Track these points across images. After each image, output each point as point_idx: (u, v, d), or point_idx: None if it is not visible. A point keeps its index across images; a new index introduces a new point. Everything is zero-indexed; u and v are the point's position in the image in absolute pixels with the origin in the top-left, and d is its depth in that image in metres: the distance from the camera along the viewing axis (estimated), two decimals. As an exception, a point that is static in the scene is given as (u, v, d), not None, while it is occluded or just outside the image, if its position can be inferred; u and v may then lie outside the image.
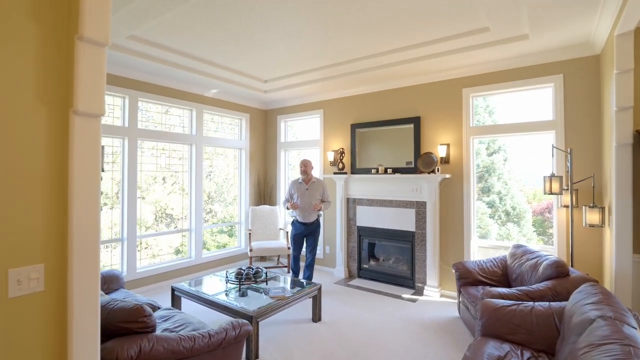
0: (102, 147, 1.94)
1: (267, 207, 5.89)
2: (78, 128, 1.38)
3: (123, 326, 1.82)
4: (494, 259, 3.77)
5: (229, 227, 6.12)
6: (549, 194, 3.46)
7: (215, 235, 6.08)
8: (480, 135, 4.27)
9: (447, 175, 4.31)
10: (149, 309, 1.91)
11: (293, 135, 6.34)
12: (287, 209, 4.55)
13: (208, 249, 5.83)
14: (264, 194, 6.21)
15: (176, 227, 5.15)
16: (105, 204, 4.39)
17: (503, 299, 2.77)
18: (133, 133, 4.45)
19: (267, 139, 6.39)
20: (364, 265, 5.16)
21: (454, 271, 3.74)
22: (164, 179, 4.99)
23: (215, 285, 3.70)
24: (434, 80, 4.52)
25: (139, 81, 4.51)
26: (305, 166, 4.55)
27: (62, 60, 1.31)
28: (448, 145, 4.40)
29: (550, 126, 3.81)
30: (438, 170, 4.33)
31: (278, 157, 6.20)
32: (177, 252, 5.26)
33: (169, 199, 5.07)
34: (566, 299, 2.70)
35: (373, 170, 4.95)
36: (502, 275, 3.62)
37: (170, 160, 5.06)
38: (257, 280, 3.52)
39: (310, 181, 4.55)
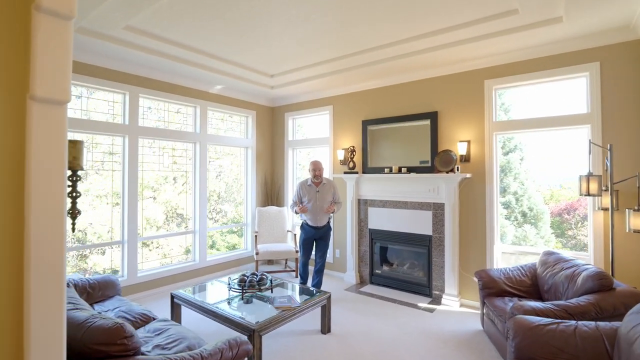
0: (81, 141, 1.69)
1: (274, 208, 5.63)
2: (37, 117, 1.13)
3: (99, 349, 1.57)
4: (521, 266, 3.43)
5: (239, 228, 5.88)
6: (585, 195, 3.10)
7: (225, 235, 5.87)
8: (505, 131, 3.91)
9: (468, 175, 3.97)
10: (130, 329, 1.65)
11: (302, 135, 6.07)
12: (296, 212, 4.27)
13: (218, 249, 5.65)
14: (270, 194, 5.96)
15: (187, 227, 5.00)
16: (107, 204, 4.19)
17: (537, 315, 2.43)
18: (134, 131, 4.24)
19: (274, 137, 6.14)
20: (377, 271, 4.86)
21: (476, 280, 3.41)
22: (174, 178, 4.86)
23: (217, 293, 3.46)
24: (453, 71, 4.18)
25: (139, 77, 4.30)
26: (318, 169, 4.18)
27: (16, 35, 1.06)
28: (468, 142, 4.06)
29: (584, 120, 3.45)
30: (457, 170, 3.99)
31: (286, 156, 5.93)
32: (187, 251, 5.11)
33: (179, 198, 4.94)
34: (613, 317, 2.36)
35: (386, 170, 4.63)
36: (531, 285, 3.27)
37: (174, 160, 4.84)
38: (262, 287, 3.26)
39: (320, 183, 4.25)
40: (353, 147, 4.91)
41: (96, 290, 3.04)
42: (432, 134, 4.32)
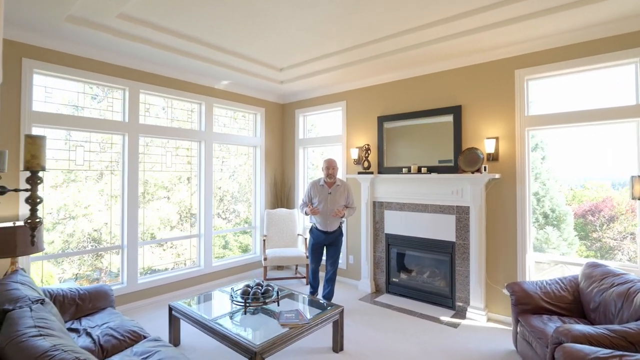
0: (42, 137, 1.41)
1: (284, 210, 5.33)
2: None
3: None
4: (560, 279, 3.01)
5: (248, 230, 5.60)
6: (638, 198, 2.67)
7: (238, 236, 5.60)
8: (539, 127, 3.49)
9: (496, 175, 3.57)
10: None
11: (314, 133, 5.74)
12: (306, 214, 3.95)
13: (231, 249, 5.42)
14: (280, 196, 5.66)
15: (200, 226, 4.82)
16: (107, 205, 3.96)
17: (589, 342, 2.04)
18: (134, 129, 4.00)
19: (285, 135, 5.83)
20: (394, 279, 4.49)
21: (508, 294, 3.01)
22: (188, 179, 4.70)
23: (219, 305, 3.17)
24: (480, 61, 3.78)
25: (140, 71, 4.05)
26: (332, 168, 3.84)
27: None
28: (497, 139, 3.65)
29: (633, 112, 3.00)
30: (485, 169, 3.60)
31: (296, 155, 5.62)
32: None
33: (193, 199, 4.78)
34: (688, 349, 1.95)
35: (404, 170, 4.26)
36: (572, 301, 2.86)
37: (189, 159, 4.59)
38: (267, 300, 2.94)
39: (334, 184, 3.92)
40: (368, 145, 4.56)
41: (86, 302, 2.79)
42: (456, 130, 3.93)
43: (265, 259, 4.66)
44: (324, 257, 4.06)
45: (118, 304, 3.83)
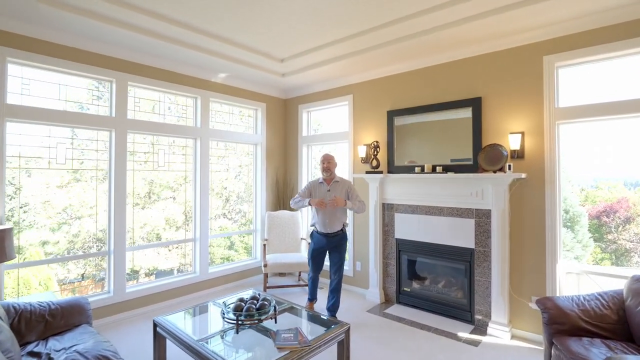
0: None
1: (286, 212, 4.97)
2: None
3: None
4: (600, 295, 2.60)
5: (248, 234, 5.26)
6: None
7: (244, 237, 5.28)
8: (572, 120, 3.08)
9: (522, 175, 3.17)
10: None
11: (318, 129, 5.38)
12: (308, 204, 3.52)
13: (236, 250, 5.12)
14: (282, 197, 5.30)
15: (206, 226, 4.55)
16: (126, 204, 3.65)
17: (655, 381, 1.64)
18: (122, 124, 3.68)
19: (287, 132, 5.48)
20: (405, 288, 4.10)
21: (537, 309, 2.62)
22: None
23: (210, 321, 2.82)
24: (502, 47, 3.38)
25: (128, 62, 3.73)
26: (327, 161, 3.59)
27: None
28: (522, 134, 3.25)
29: (688, 102, 2.59)
30: (510, 168, 3.20)
31: (299, 153, 5.26)
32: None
33: (209, 198, 4.56)
34: None
35: (417, 169, 3.88)
36: (617, 322, 2.45)
37: (179, 158, 4.26)
38: (262, 318, 2.58)
39: (332, 180, 3.61)
40: (377, 142, 4.18)
41: (57, 318, 2.46)
42: (475, 125, 3.53)
43: (265, 266, 4.31)
44: (326, 263, 3.72)
45: (104, 316, 3.52)
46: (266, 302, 2.67)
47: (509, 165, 3.20)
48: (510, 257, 3.34)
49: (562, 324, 2.48)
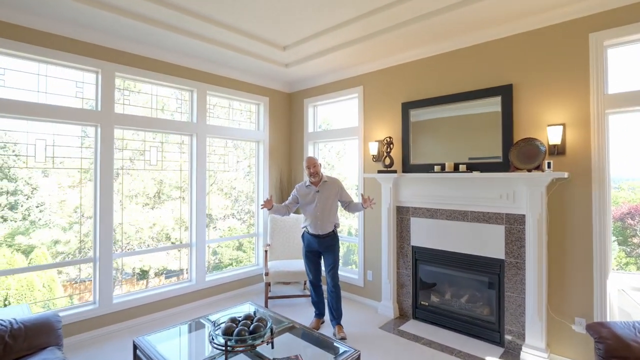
0: None
1: (291, 215, 4.57)
2: None
3: None
4: (669, 321, 2.11)
5: (250, 239, 4.88)
6: None
7: (252, 237, 4.92)
8: (624, 108, 2.59)
9: (563, 174, 2.68)
10: None
11: (326, 125, 4.96)
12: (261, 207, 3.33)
13: (244, 251, 4.78)
14: (287, 198, 4.89)
15: (215, 227, 4.41)
16: (136, 204, 3.32)
17: None
18: (108, 119, 3.34)
19: (292, 129, 5.08)
20: (422, 302, 3.65)
21: (592, 338, 2.15)
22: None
23: (197, 344, 2.45)
24: (538, 25, 2.91)
25: (115, 50, 3.39)
26: (312, 165, 3.39)
27: None
28: (563, 126, 2.77)
29: None
30: (549, 166, 2.72)
31: (305, 151, 4.86)
32: (214, 253, 4.43)
33: (207, 199, 4.24)
34: None
35: (436, 167, 3.43)
36: (695, 357, 1.96)
37: (164, 155, 3.91)
38: (256, 342, 2.18)
39: (321, 181, 3.42)
40: (390, 138, 3.74)
41: (20, 340, 2.12)
42: (505, 116, 3.06)
43: (266, 274, 3.91)
44: (322, 269, 3.53)
45: (87, 329, 3.19)
46: (261, 324, 2.26)
47: (548, 163, 2.72)
48: (548, 270, 2.86)
49: (625, 359, 2.00)
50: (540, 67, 2.91)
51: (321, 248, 3.39)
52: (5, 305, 3.06)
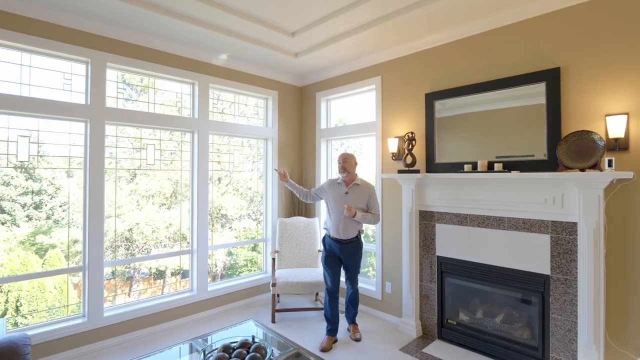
0: None
1: (301, 219, 4.20)
2: None
3: None
4: None
5: (257, 244, 4.54)
6: None
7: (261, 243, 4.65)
8: None
9: (628, 174, 2.19)
10: None
11: (339, 121, 4.56)
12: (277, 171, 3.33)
13: (259, 252, 4.49)
14: (298, 201, 4.53)
15: (231, 227, 4.22)
16: (152, 204, 3.03)
17: None
18: (99, 114, 3.04)
19: (303, 125, 4.70)
20: (449, 320, 3.20)
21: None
22: (219, 179, 4.05)
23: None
24: (594, -6, 2.43)
25: (107, 38, 3.09)
26: (343, 159, 3.16)
27: None
28: (626, 115, 2.28)
29: None
30: (610, 165, 2.24)
31: (318, 149, 4.47)
32: (229, 254, 4.20)
33: (222, 199, 4.08)
34: None
35: (466, 166, 2.97)
36: None
37: (160, 154, 3.60)
38: (253, 377, 1.81)
39: (352, 182, 3.15)
40: (411, 133, 3.30)
41: (-22, 370, 1.81)
42: (550, 105, 2.59)
43: (273, 285, 3.54)
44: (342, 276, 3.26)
45: (74, 346, 2.90)
46: (259, 355, 1.88)
47: (609, 161, 2.24)
48: (606, 289, 2.37)
49: None
50: (597, 45, 2.43)
51: (342, 255, 3.12)
52: (17, 309, 2.87)
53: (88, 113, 2.98)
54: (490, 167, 2.86)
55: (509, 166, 2.77)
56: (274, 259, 3.87)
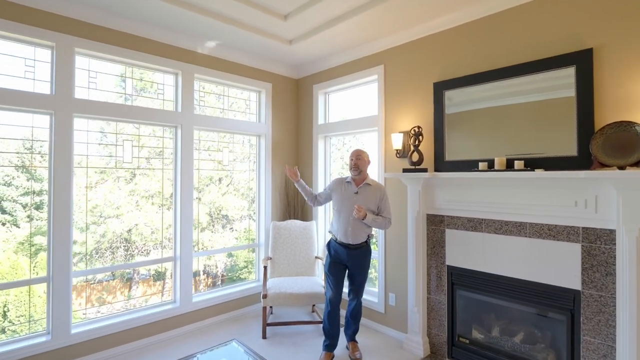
0: None
1: (297, 222, 3.85)
2: None
3: None
4: None
5: (255, 246, 4.19)
6: None
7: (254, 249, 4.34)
8: None
9: (680, 173, 1.83)
10: None
11: (338, 116, 4.20)
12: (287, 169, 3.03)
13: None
14: (293, 203, 4.18)
15: (232, 228, 3.97)
16: (152, 204, 2.69)
17: None
18: (66, 106, 2.70)
19: (299, 121, 4.35)
20: (461, 338, 2.84)
21: None
22: (220, 179, 3.80)
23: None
24: (636, -40, 2.07)
25: (75, 21, 2.75)
26: (355, 156, 2.84)
27: None
28: (677, 102, 1.92)
29: None
30: (660, 161, 1.88)
31: (315, 147, 4.12)
32: (229, 255, 3.98)
33: (223, 199, 3.87)
34: None
35: (481, 165, 2.61)
36: None
37: (142, 152, 3.25)
38: None
39: (363, 182, 2.82)
40: (418, 128, 2.95)
41: None
42: (581, 92, 2.23)
43: (264, 297, 3.19)
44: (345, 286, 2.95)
45: (36, 369, 2.53)
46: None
47: (658, 157, 1.88)
48: (650, 309, 2.01)
49: None
50: (636, 21, 2.06)
51: (349, 261, 2.79)
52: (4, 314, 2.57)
53: (53, 104, 2.64)
54: (509, 165, 2.50)
55: (531, 164, 2.41)
56: (265, 268, 3.52)
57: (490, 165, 2.57)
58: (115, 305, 3.16)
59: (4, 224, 2.69)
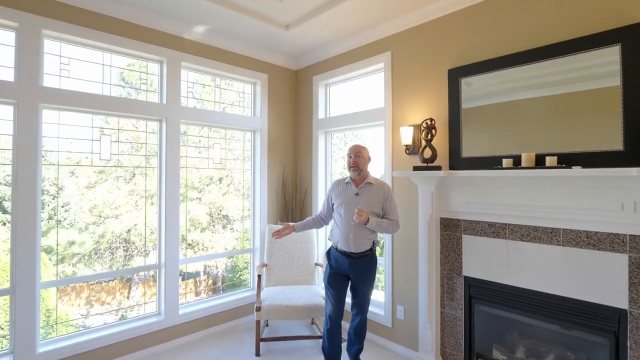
0: None
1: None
2: None
3: None
4: None
5: (250, 251, 3.87)
6: None
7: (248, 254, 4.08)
8: None
9: None
10: None
11: (341, 109, 3.86)
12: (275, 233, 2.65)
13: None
14: (291, 204, 3.84)
15: (232, 229, 3.73)
16: (151, 204, 2.40)
17: None
18: (31, 95, 2.38)
19: (298, 115, 4.02)
20: (480, 359, 2.50)
21: None
22: (220, 179, 3.63)
23: None
24: None
25: (42, -2, 2.43)
26: (354, 153, 2.49)
27: None
28: None
29: None
30: None
31: (315, 144, 3.78)
32: (230, 256, 3.76)
33: (224, 199, 3.69)
34: None
35: (505, 162, 2.27)
36: None
37: (121, 147, 2.93)
38: None
39: (363, 182, 2.48)
40: (431, 120, 2.61)
41: None
42: (628, 75, 1.88)
43: (258, 309, 2.86)
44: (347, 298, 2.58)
45: (-5, 395, 2.22)
46: None
47: None
48: None
49: None
50: (700, -12, 1.72)
51: (351, 272, 2.46)
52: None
53: (16, 93, 2.32)
54: (539, 162, 2.15)
55: (565, 160, 2.07)
56: (259, 276, 3.19)
57: (516, 162, 2.23)
58: (102, 308, 2.87)
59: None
